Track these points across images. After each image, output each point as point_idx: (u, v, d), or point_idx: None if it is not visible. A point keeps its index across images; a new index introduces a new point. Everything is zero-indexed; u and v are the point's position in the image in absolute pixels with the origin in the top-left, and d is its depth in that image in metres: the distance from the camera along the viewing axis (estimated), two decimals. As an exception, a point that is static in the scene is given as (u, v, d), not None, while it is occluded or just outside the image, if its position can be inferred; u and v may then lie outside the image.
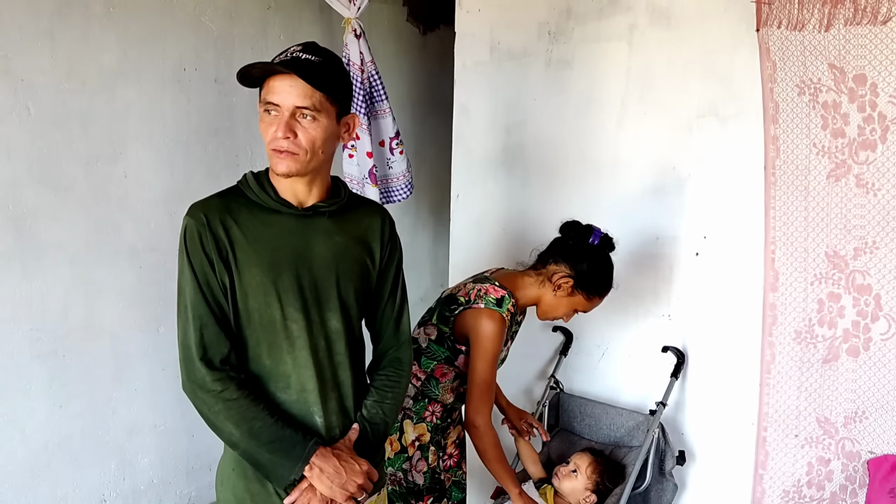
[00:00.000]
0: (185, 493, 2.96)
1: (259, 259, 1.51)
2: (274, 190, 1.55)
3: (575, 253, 2.15)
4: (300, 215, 1.55)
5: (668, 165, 2.59)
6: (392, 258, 1.70)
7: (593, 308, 2.22)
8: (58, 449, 2.49)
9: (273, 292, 1.51)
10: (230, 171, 2.94)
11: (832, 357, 2.29)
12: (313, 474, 1.49)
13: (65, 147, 2.43)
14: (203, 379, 1.47)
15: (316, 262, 1.55)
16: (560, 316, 2.21)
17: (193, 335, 1.48)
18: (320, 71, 1.45)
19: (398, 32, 3.87)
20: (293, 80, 1.42)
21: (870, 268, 2.21)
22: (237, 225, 1.51)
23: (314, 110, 1.45)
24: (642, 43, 2.61)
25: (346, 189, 1.65)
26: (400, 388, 1.68)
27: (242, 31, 2.97)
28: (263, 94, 1.47)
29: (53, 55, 2.37)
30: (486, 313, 2.07)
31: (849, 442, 2.29)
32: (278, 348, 1.53)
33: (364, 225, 1.65)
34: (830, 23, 2.17)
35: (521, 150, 2.99)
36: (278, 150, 1.46)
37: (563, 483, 2.35)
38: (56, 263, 2.43)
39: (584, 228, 2.20)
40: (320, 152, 1.50)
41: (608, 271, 2.18)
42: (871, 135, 2.16)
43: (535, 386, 2.97)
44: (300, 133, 1.45)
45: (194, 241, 1.49)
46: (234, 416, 1.47)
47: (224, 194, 1.57)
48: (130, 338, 2.68)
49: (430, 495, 2.21)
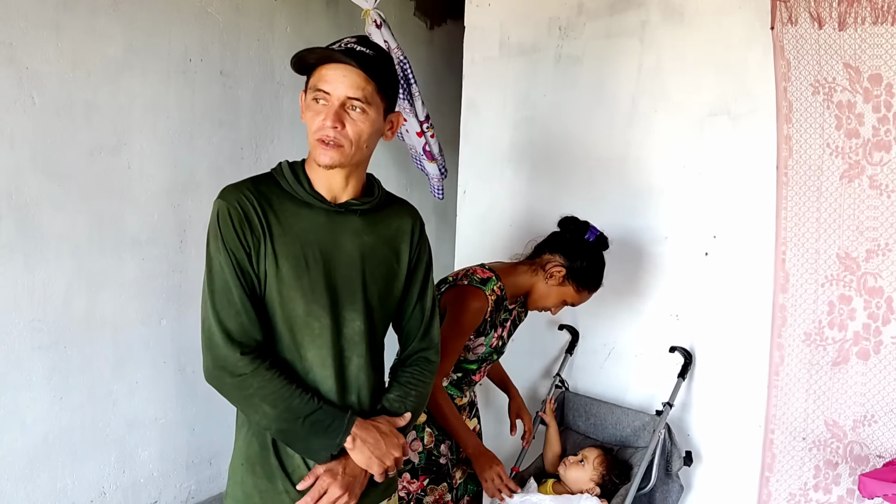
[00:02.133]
0: (185, 487, 2.93)
1: (287, 251, 1.47)
2: (308, 182, 1.51)
3: (570, 246, 2.19)
4: (332, 211, 1.52)
5: (678, 164, 2.56)
6: (420, 261, 1.66)
7: (582, 302, 2.25)
8: (58, 441, 2.47)
9: (298, 287, 1.47)
10: (234, 164, 2.91)
11: (842, 360, 2.27)
12: (355, 445, 1.48)
13: (69, 137, 2.40)
14: (234, 364, 1.43)
15: (343, 261, 1.52)
16: (550, 306, 2.23)
17: (226, 321, 1.44)
18: (375, 63, 1.43)
19: (405, 27, 3.83)
20: (347, 69, 1.40)
21: (882, 270, 2.19)
22: (271, 213, 1.48)
23: (365, 102, 1.42)
24: (654, 39, 2.59)
25: (380, 188, 1.62)
26: (425, 386, 1.65)
27: (249, 23, 2.94)
28: (313, 81, 1.44)
29: (59, 45, 2.35)
30: (468, 289, 2.11)
31: (857, 445, 2.27)
32: (298, 345, 1.50)
33: (394, 226, 1.62)
34: (846, 22, 2.14)
35: (529, 146, 2.96)
36: (324, 140, 1.43)
37: (570, 471, 2.34)
38: (58, 254, 2.41)
39: (582, 224, 2.24)
40: (364, 146, 1.47)
41: (600, 268, 2.23)
42: (886, 135, 2.13)
43: (541, 384, 2.95)
44: (348, 124, 1.43)
45: (227, 223, 1.45)
46: (269, 395, 1.43)
47: (257, 180, 1.53)
48: (132, 330, 2.66)
49: (426, 476, 2.19)
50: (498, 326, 2.20)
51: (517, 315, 2.32)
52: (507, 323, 2.25)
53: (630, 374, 2.74)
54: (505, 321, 2.24)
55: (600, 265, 2.23)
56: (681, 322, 2.60)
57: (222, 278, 1.45)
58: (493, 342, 2.20)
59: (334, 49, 1.42)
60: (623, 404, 2.63)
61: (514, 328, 2.33)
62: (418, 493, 2.17)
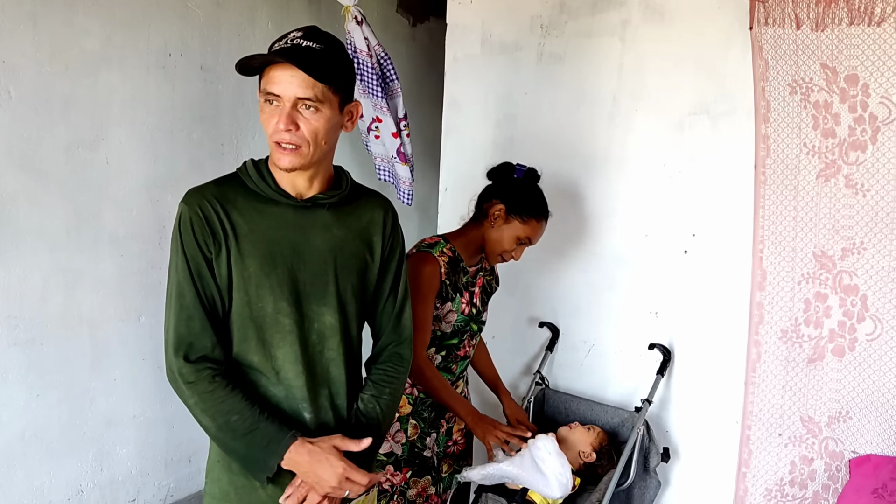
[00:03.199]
0: (164, 485, 2.92)
1: (254, 250, 1.47)
2: (273, 180, 1.51)
3: (502, 187, 2.24)
4: (298, 207, 1.52)
5: (658, 162, 2.58)
6: (393, 252, 1.66)
7: (536, 236, 2.25)
8: (34, 438, 2.44)
9: (266, 285, 1.47)
10: (215, 159, 2.89)
11: (818, 357, 2.30)
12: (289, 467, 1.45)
13: (46, 132, 2.37)
14: (180, 370, 1.44)
15: (313, 256, 1.51)
16: (507, 249, 2.23)
17: (177, 326, 1.45)
18: (322, 60, 1.40)
19: (387, 23, 3.83)
20: (294, 70, 1.38)
21: (857, 268, 2.22)
22: (235, 214, 1.47)
23: (316, 101, 1.40)
24: (635, 39, 2.60)
25: (348, 180, 1.61)
26: (398, 383, 1.64)
27: (230, 18, 2.92)
28: (263, 83, 1.43)
29: (36, 38, 2.32)
30: (417, 256, 2.15)
31: (832, 441, 2.30)
32: (268, 343, 1.49)
33: (365, 218, 1.61)
34: (824, 22, 2.16)
35: (510, 144, 2.97)
36: (280, 143, 1.42)
37: (575, 431, 2.38)
38: (35, 250, 2.38)
39: (507, 166, 2.30)
40: (323, 143, 1.46)
41: (537, 196, 2.25)
42: (862, 135, 2.16)
43: (521, 382, 2.96)
44: (302, 125, 1.42)
45: (188, 230, 1.46)
46: (209, 408, 1.43)
47: (221, 181, 1.53)
48: (110, 327, 2.64)
49: (408, 468, 2.20)
50: (463, 291, 2.21)
51: (486, 283, 2.33)
52: (473, 288, 2.26)
53: (610, 371, 2.76)
54: (470, 285, 2.25)
55: (537, 194, 2.26)
56: (660, 319, 2.62)
57: (178, 283, 1.46)
58: (464, 308, 2.21)
59: (277, 51, 1.40)
60: (603, 401, 2.65)
61: (487, 296, 2.34)
62: (402, 485, 2.18)
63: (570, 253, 2.82)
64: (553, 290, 2.88)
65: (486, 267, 2.35)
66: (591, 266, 2.77)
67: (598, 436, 2.40)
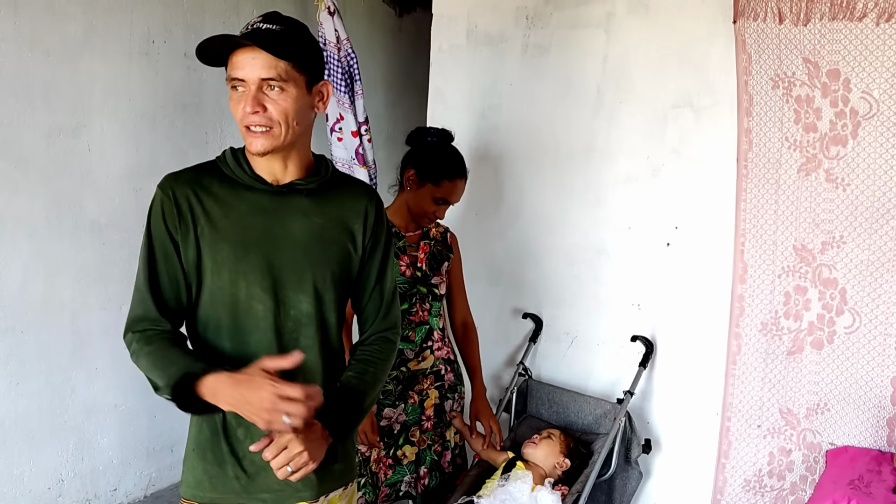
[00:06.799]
0: (145, 474, 2.91)
1: (227, 235, 1.46)
2: (249, 166, 1.50)
3: (415, 154, 2.28)
4: (274, 193, 1.50)
5: (641, 155, 2.59)
6: (378, 242, 1.63)
7: (453, 195, 2.27)
8: (14, 427, 2.43)
9: (238, 270, 1.46)
10: (198, 148, 2.88)
11: (797, 349, 2.32)
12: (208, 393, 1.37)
13: (26, 118, 2.35)
14: (130, 343, 1.46)
15: (289, 243, 1.50)
16: (430, 212, 2.25)
17: (134, 307, 1.47)
18: (283, 39, 1.40)
19: (373, 13, 3.82)
20: (255, 52, 1.37)
21: (836, 262, 2.24)
22: (209, 199, 1.47)
23: (281, 80, 1.39)
24: (620, 31, 2.61)
25: (328, 166, 1.59)
26: (385, 364, 1.62)
27: (214, 5, 2.90)
28: (228, 70, 1.41)
29: (16, 23, 2.29)
30: None
31: (810, 433, 2.32)
32: (240, 329, 1.48)
33: (347, 206, 1.58)
34: (807, 17, 2.18)
35: (495, 135, 2.97)
36: (250, 126, 1.42)
37: (540, 446, 2.36)
38: (15, 237, 2.36)
39: (421, 130, 2.33)
40: (294, 124, 1.44)
41: (448, 156, 2.28)
42: (843, 130, 2.18)
43: (504, 372, 2.97)
44: (270, 106, 1.40)
45: (157, 212, 1.46)
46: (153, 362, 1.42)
47: (199, 168, 1.52)
48: (91, 315, 2.62)
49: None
50: (400, 254, 2.25)
51: (436, 251, 2.35)
52: (416, 252, 2.29)
53: (592, 362, 2.77)
54: (410, 249, 2.28)
55: (449, 154, 2.28)
56: (642, 311, 2.64)
57: (144, 262, 1.47)
58: (404, 270, 2.24)
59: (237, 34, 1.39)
60: (585, 392, 2.67)
61: (437, 263, 2.35)
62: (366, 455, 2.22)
63: (554, 245, 2.82)
64: (537, 281, 2.89)
65: (436, 236, 2.37)
66: (574, 258, 2.78)
67: (562, 440, 2.39)
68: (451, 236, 2.44)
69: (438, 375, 2.34)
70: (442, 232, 2.41)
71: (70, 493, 2.63)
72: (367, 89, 3.75)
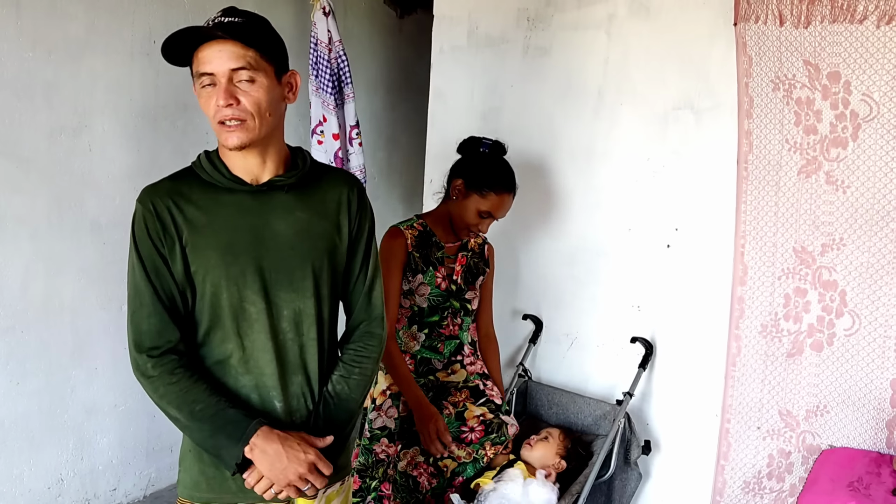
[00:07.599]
0: (144, 474, 2.91)
1: (214, 241, 1.45)
2: (226, 167, 1.48)
3: (466, 163, 2.27)
4: (255, 192, 1.49)
5: (642, 157, 2.60)
6: (362, 229, 1.61)
7: (499, 209, 2.24)
8: (14, 427, 2.43)
9: (229, 275, 1.45)
10: (199, 148, 2.81)
11: (796, 351, 2.32)
12: (254, 455, 1.43)
13: (28, 118, 2.35)
14: (144, 366, 1.44)
15: (277, 241, 1.49)
16: (471, 222, 2.23)
17: (138, 323, 1.45)
18: (247, 29, 1.40)
19: (373, 15, 3.82)
20: (221, 44, 1.37)
21: (836, 264, 2.24)
22: (190, 208, 1.45)
23: (251, 69, 1.38)
24: (621, 33, 2.61)
25: (305, 159, 1.57)
26: (369, 363, 1.61)
27: (215, 5, 2.86)
28: (195, 67, 1.40)
29: (18, 23, 2.30)
30: (386, 233, 2.22)
31: (809, 435, 2.33)
32: (234, 333, 1.48)
33: (330, 197, 1.57)
34: (807, 19, 2.18)
35: (495, 136, 2.95)
36: (224, 122, 1.40)
37: (536, 448, 2.37)
38: (16, 237, 2.36)
39: (474, 140, 2.32)
40: (267, 115, 1.43)
41: (500, 169, 2.26)
42: (843, 132, 2.18)
43: (504, 374, 2.96)
44: (242, 98, 1.39)
45: (141, 228, 1.45)
46: (174, 400, 1.43)
47: (176, 177, 1.50)
48: (91, 315, 2.62)
49: (400, 441, 2.23)
50: (437, 265, 2.23)
51: (472, 263, 2.34)
52: (452, 265, 2.27)
53: (592, 363, 2.77)
54: (448, 261, 2.27)
55: (500, 167, 2.26)
56: (642, 313, 2.64)
57: (135, 281, 1.45)
58: (440, 282, 2.22)
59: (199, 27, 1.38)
60: (585, 393, 2.67)
61: (473, 277, 2.33)
62: (394, 456, 2.22)
63: (554, 246, 2.83)
64: (537, 282, 2.89)
65: (474, 249, 2.35)
66: (574, 259, 2.78)
67: (559, 441, 2.39)
68: (488, 248, 2.43)
69: (477, 391, 2.33)
70: (480, 243, 2.39)
71: (70, 492, 2.63)
72: (368, 91, 3.76)
